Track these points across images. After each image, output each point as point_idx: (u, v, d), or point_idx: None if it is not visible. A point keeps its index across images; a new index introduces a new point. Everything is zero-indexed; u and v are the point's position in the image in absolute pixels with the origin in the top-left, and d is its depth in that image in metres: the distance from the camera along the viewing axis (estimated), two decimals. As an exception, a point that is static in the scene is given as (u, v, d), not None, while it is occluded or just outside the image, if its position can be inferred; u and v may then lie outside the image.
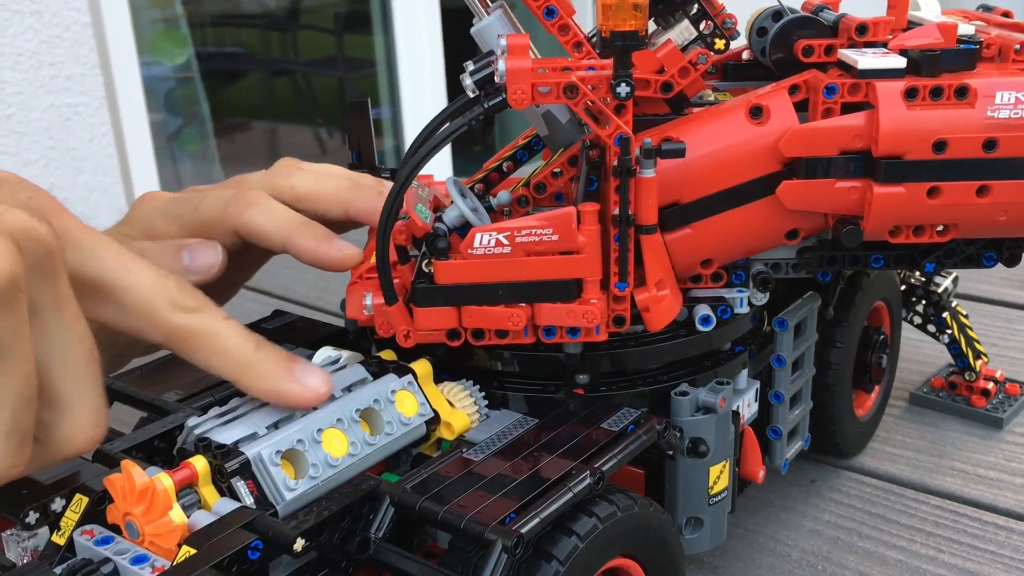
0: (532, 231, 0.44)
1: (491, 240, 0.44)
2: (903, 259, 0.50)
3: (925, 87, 0.45)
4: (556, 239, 0.44)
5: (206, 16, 2.49)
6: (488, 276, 0.45)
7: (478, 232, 0.44)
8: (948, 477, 0.63)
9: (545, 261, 0.45)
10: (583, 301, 0.45)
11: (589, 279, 0.45)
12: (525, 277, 0.45)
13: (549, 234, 0.44)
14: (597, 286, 0.45)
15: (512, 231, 0.44)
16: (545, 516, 0.37)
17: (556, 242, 0.44)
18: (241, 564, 0.35)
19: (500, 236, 0.44)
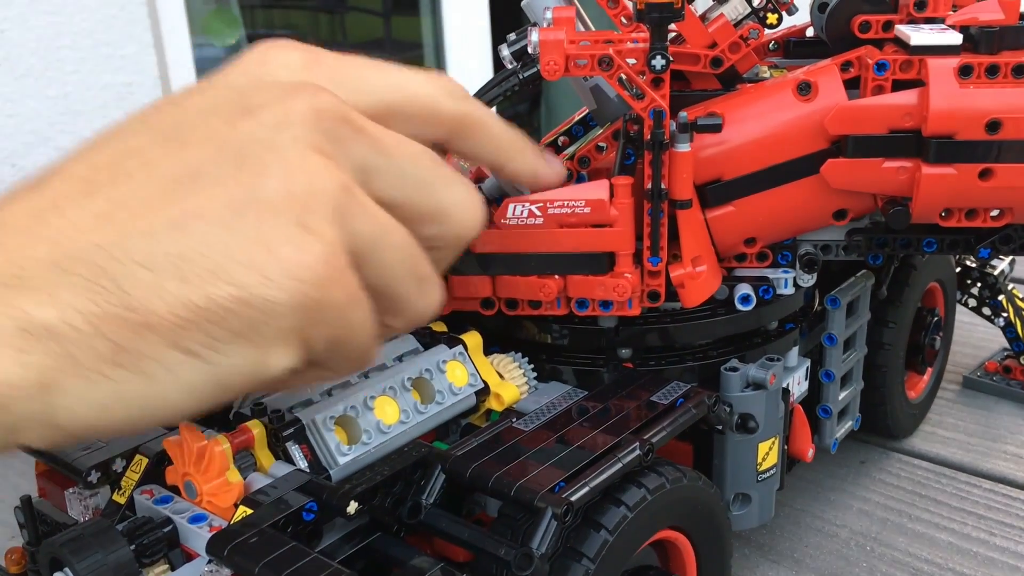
0: (565, 203, 0.44)
1: (524, 211, 0.45)
2: (957, 244, 0.49)
3: (981, 65, 0.44)
4: (588, 212, 0.44)
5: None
6: (521, 246, 0.45)
7: (511, 203, 0.45)
8: (1001, 461, 0.63)
9: (577, 233, 0.45)
10: (615, 275, 0.45)
11: (621, 252, 0.45)
12: (557, 249, 0.45)
13: (582, 206, 0.44)
14: (630, 260, 0.45)
15: (545, 203, 0.44)
16: (595, 486, 0.37)
17: (588, 215, 0.44)
18: (296, 525, 0.36)
19: (533, 207, 0.45)
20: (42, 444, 0.30)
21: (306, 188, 0.31)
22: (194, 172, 0.30)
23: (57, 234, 0.29)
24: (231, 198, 0.30)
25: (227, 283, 0.29)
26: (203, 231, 0.30)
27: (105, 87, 1.46)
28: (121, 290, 0.29)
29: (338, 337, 0.32)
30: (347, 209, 0.32)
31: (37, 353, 0.28)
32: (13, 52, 1.34)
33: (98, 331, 0.28)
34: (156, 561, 0.37)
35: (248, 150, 0.31)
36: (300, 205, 0.31)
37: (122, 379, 0.29)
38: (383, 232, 0.33)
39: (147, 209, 0.30)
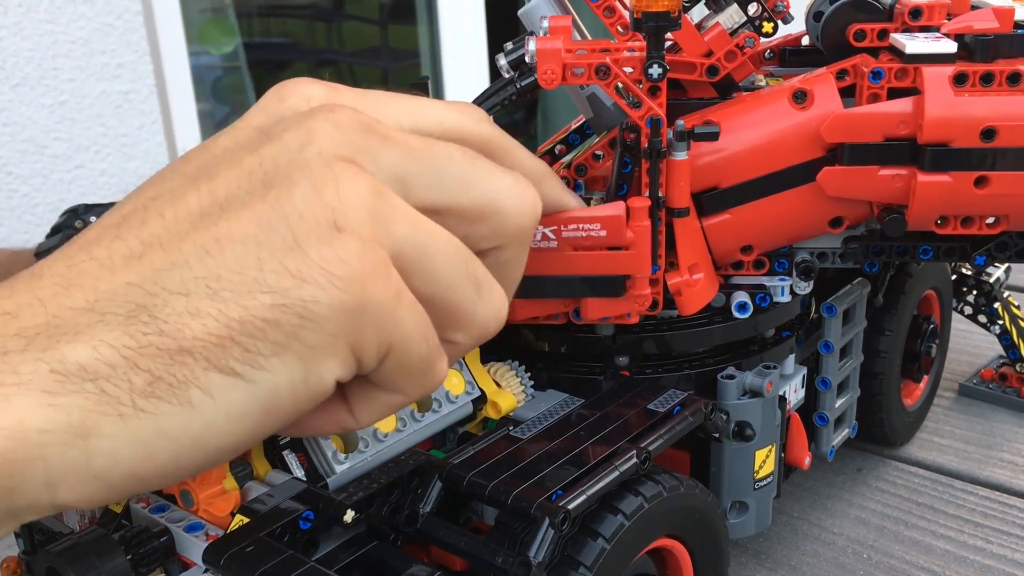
0: (579, 226, 0.43)
1: (538, 234, 0.43)
2: (953, 251, 0.50)
3: (975, 73, 0.44)
4: (604, 235, 0.43)
5: (253, 6, 2.52)
6: (535, 269, 0.43)
7: None
8: (997, 468, 0.63)
9: (593, 256, 0.44)
10: (631, 297, 0.45)
11: (638, 275, 0.44)
12: (572, 271, 0.44)
13: (597, 229, 0.43)
14: (646, 282, 0.45)
15: (559, 225, 0.43)
16: (592, 494, 0.37)
17: (604, 237, 0.43)
18: (293, 533, 0.36)
19: (547, 230, 0.43)
20: (84, 501, 0.28)
21: (336, 194, 0.30)
22: (222, 201, 0.30)
23: (92, 280, 0.28)
24: (261, 216, 0.29)
25: (263, 292, 0.28)
26: (235, 251, 0.29)
27: (101, 95, 1.46)
28: (156, 319, 0.28)
29: (391, 343, 0.30)
30: (383, 212, 0.30)
31: (69, 394, 0.27)
32: (9, 60, 1.35)
33: (133, 363, 0.27)
34: (152, 570, 0.37)
35: (274, 172, 0.30)
36: (332, 210, 0.29)
37: (162, 411, 0.27)
38: (426, 236, 0.31)
39: (177, 241, 0.29)
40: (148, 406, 0.27)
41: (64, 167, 1.45)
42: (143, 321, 0.28)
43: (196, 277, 0.28)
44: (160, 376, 0.27)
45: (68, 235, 0.63)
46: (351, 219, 0.29)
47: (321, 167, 0.30)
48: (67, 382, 0.27)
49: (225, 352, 0.28)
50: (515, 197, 0.34)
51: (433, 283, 0.31)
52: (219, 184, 0.30)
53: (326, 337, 0.29)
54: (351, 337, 0.29)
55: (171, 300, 0.28)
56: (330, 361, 0.29)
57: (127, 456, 0.27)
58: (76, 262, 0.29)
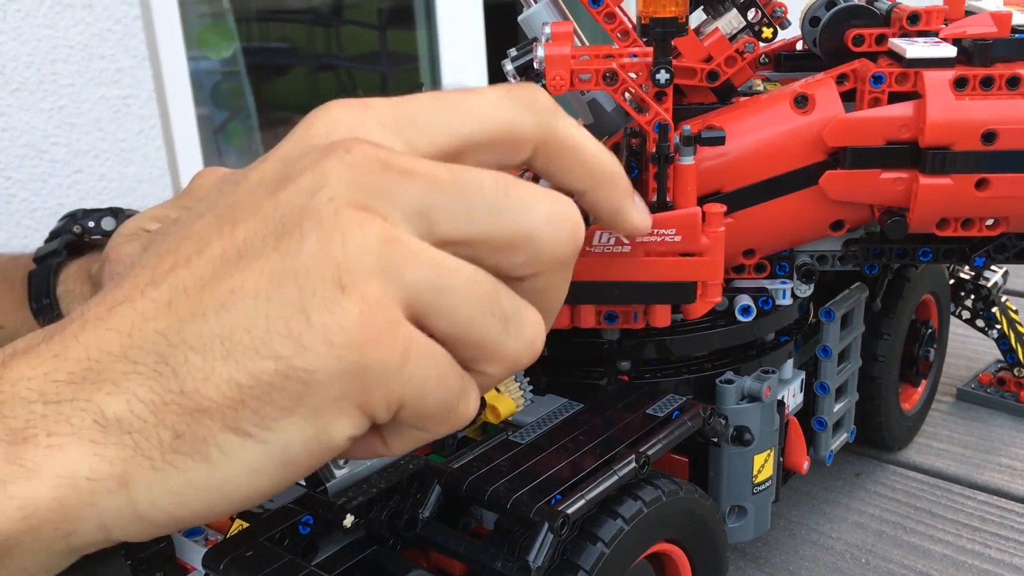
0: (655, 231, 0.43)
1: (611, 238, 0.43)
2: (952, 253, 0.50)
3: (975, 77, 0.45)
4: (679, 240, 0.43)
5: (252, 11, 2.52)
6: (606, 274, 0.44)
7: (597, 230, 0.43)
8: (995, 473, 0.63)
9: (665, 262, 0.43)
10: (701, 304, 0.44)
11: (711, 283, 0.44)
12: (643, 277, 0.44)
13: (672, 235, 0.43)
14: (719, 289, 0.44)
15: None
16: (591, 498, 0.37)
17: (678, 243, 0.43)
18: (292, 538, 0.36)
19: (620, 235, 0.43)
20: (136, 536, 0.30)
21: (343, 248, 0.29)
22: (242, 249, 0.30)
23: (128, 326, 0.30)
24: (272, 269, 0.30)
25: (267, 357, 0.29)
26: (246, 306, 0.29)
27: (100, 100, 1.47)
28: (176, 376, 0.29)
29: (401, 398, 0.30)
30: (393, 261, 0.30)
31: (111, 446, 0.28)
32: (8, 65, 1.35)
33: (160, 420, 0.29)
34: (152, 575, 0.37)
35: (288, 219, 0.30)
36: (336, 265, 0.29)
37: (187, 467, 0.29)
38: (443, 275, 0.31)
39: (200, 291, 0.30)
40: (175, 460, 0.29)
41: (63, 172, 1.45)
42: (167, 377, 0.29)
43: (212, 333, 0.29)
44: (182, 433, 0.29)
45: (66, 240, 0.63)
46: (356, 275, 0.29)
47: (330, 216, 0.30)
48: (108, 433, 0.28)
49: (237, 414, 0.29)
50: (552, 225, 0.32)
51: (455, 323, 0.31)
52: (240, 230, 0.31)
53: (330, 401, 0.29)
54: (357, 399, 0.29)
55: (190, 356, 0.29)
56: (339, 421, 0.29)
57: (164, 503, 0.29)
58: (116, 304, 0.30)
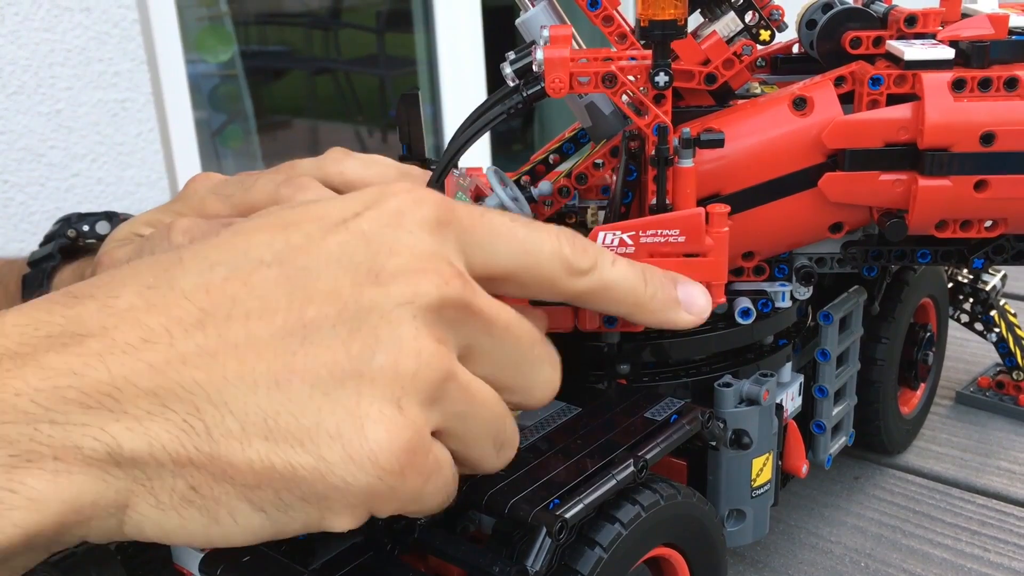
0: (658, 232, 0.43)
1: (615, 239, 0.43)
2: (951, 255, 0.50)
3: (973, 78, 0.45)
4: (683, 241, 0.43)
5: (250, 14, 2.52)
6: None
7: (601, 231, 0.43)
8: (995, 476, 0.63)
9: (668, 263, 0.43)
10: None
11: (715, 283, 0.44)
12: None
13: (676, 235, 0.43)
14: (722, 290, 0.44)
15: (637, 231, 0.43)
16: (589, 502, 0.37)
17: (682, 244, 0.43)
18: (289, 543, 0.35)
19: (624, 235, 0.43)
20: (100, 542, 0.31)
21: (413, 371, 0.31)
22: (309, 329, 0.31)
23: (164, 363, 0.29)
24: (336, 364, 0.30)
25: (309, 453, 0.30)
26: (301, 392, 0.30)
27: (98, 103, 1.47)
28: (210, 437, 0.29)
29: (405, 508, 0.33)
30: (446, 394, 0.32)
31: (121, 478, 0.29)
32: (5, 69, 1.35)
33: (180, 471, 0.29)
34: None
35: (367, 319, 0.31)
36: (401, 386, 0.31)
37: (190, 517, 0.30)
38: (474, 406, 0.34)
39: (255, 358, 0.30)
40: (181, 509, 0.30)
41: (61, 175, 1.45)
42: (199, 434, 0.29)
43: (259, 406, 0.29)
44: (198, 489, 0.29)
45: (61, 244, 0.63)
46: (414, 399, 0.31)
47: (410, 337, 0.31)
48: (120, 467, 0.29)
49: (259, 492, 0.30)
50: (548, 390, 0.38)
51: (465, 444, 0.34)
52: (312, 310, 0.31)
53: (349, 507, 0.31)
54: (372, 507, 0.32)
55: (228, 421, 0.29)
56: (344, 519, 0.31)
57: (151, 532, 0.30)
58: (152, 334, 0.30)
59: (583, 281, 0.39)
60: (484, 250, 0.36)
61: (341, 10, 2.94)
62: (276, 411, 0.30)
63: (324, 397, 0.30)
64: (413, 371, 0.31)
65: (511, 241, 0.37)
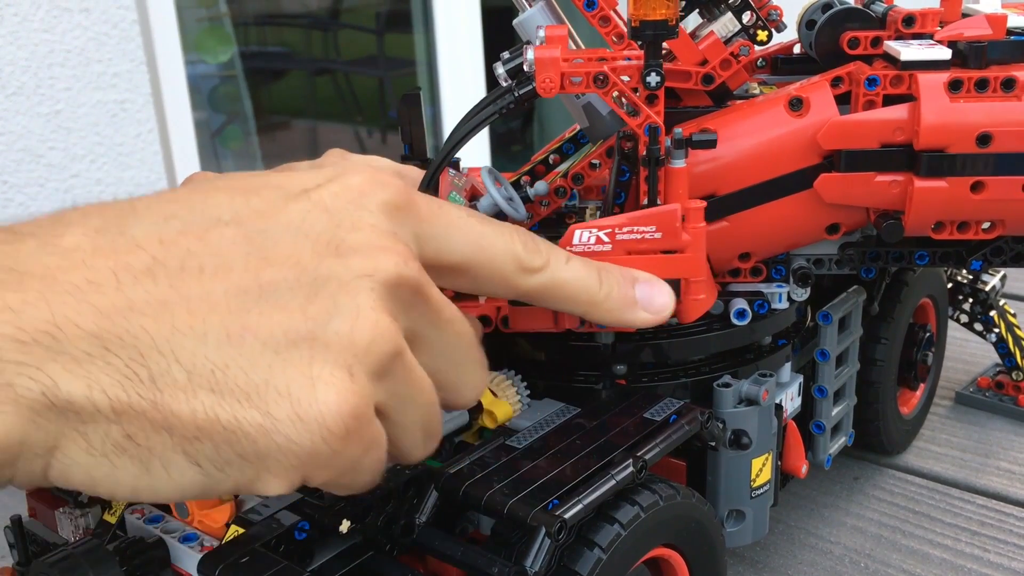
0: (634, 229, 0.43)
1: (591, 237, 0.43)
2: (949, 256, 0.50)
3: (970, 79, 0.44)
4: (659, 237, 0.43)
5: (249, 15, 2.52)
6: None
7: (577, 229, 0.43)
8: (994, 477, 0.63)
9: (646, 260, 0.43)
10: (686, 302, 0.44)
11: (693, 280, 0.44)
12: None
13: (652, 232, 0.43)
14: (701, 286, 0.44)
15: (613, 228, 0.43)
16: (588, 503, 0.37)
17: (659, 240, 0.43)
18: (288, 544, 0.35)
19: (600, 233, 0.43)
20: (21, 487, 0.30)
21: (367, 340, 0.31)
22: (265, 290, 0.31)
23: (109, 307, 0.29)
24: (291, 325, 0.30)
25: (257, 409, 0.29)
26: (252, 349, 0.30)
27: (97, 104, 1.47)
28: (154, 385, 0.29)
29: (338, 479, 0.33)
30: (392, 371, 0.33)
31: (54, 421, 0.28)
32: (5, 69, 1.35)
33: (117, 418, 0.28)
34: (146, 581, 0.37)
35: (325, 286, 0.32)
36: (354, 354, 0.31)
37: (121, 466, 0.29)
38: (415, 394, 0.34)
39: (207, 310, 0.30)
40: (113, 456, 0.29)
41: (60, 176, 1.45)
42: (142, 382, 0.28)
43: (207, 358, 0.29)
44: (134, 438, 0.29)
45: None
46: (363, 368, 0.31)
47: (367, 308, 0.32)
48: (54, 410, 0.28)
49: (197, 444, 0.29)
50: (476, 393, 0.39)
51: (396, 428, 0.34)
52: (270, 272, 0.31)
53: (287, 468, 0.31)
54: (307, 472, 0.31)
55: (174, 370, 0.29)
56: (281, 482, 0.31)
57: (77, 478, 0.29)
58: (100, 276, 0.29)
59: (535, 279, 0.39)
60: (439, 240, 0.37)
61: (340, 11, 2.94)
62: (225, 364, 0.29)
63: (276, 356, 0.30)
64: (368, 341, 0.31)
65: (466, 234, 0.37)
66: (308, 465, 0.31)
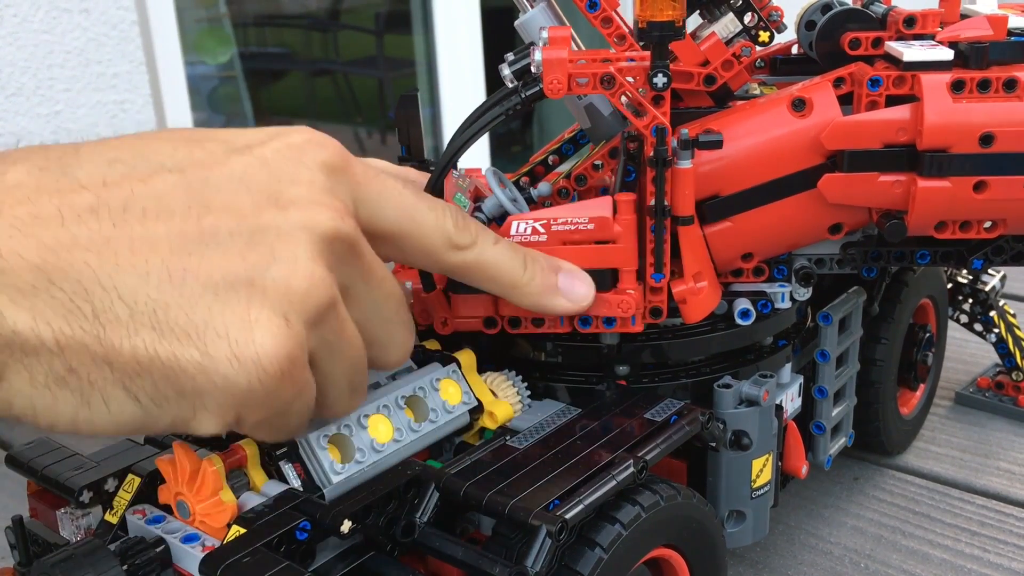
0: (568, 220, 0.44)
1: (527, 228, 0.45)
2: (950, 256, 0.50)
3: (972, 80, 0.44)
4: (592, 228, 0.44)
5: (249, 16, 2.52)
6: None
7: (514, 220, 0.45)
8: (994, 477, 0.63)
9: (581, 250, 0.45)
10: (619, 291, 0.45)
11: (625, 269, 0.45)
12: None
13: (585, 223, 0.44)
14: (633, 276, 0.45)
15: (548, 220, 0.45)
16: (589, 503, 0.37)
17: (592, 231, 0.44)
18: (289, 544, 0.35)
19: (536, 224, 0.45)
20: None
21: (303, 289, 0.33)
22: (206, 235, 0.32)
23: (53, 242, 0.29)
24: (231, 270, 0.32)
25: (196, 348, 0.31)
26: (193, 290, 0.31)
27: (96, 105, 1.46)
28: (97, 320, 0.29)
29: (270, 420, 0.34)
30: (326, 321, 0.34)
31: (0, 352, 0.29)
32: (4, 70, 1.35)
33: (61, 352, 0.29)
34: (148, 581, 0.37)
35: (264, 236, 0.33)
36: (291, 301, 0.32)
37: (62, 399, 0.30)
38: (343, 346, 0.36)
39: (148, 250, 0.31)
40: (55, 389, 0.30)
41: (59, 177, 1.44)
42: (85, 316, 0.29)
43: (150, 297, 0.30)
44: (76, 372, 0.30)
45: None
46: (299, 316, 0.33)
47: (304, 258, 0.33)
48: None
49: (138, 379, 0.30)
50: (403, 352, 0.40)
51: (324, 380, 0.36)
52: (210, 220, 0.32)
53: (221, 406, 0.32)
54: (240, 412, 0.32)
55: (116, 307, 0.30)
56: (215, 421, 0.32)
57: (19, 407, 0.30)
58: (44, 211, 0.30)
59: (461, 255, 0.41)
60: (372, 206, 0.38)
61: (340, 11, 2.94)
62: (167, 304, 0.30)
63: (215, 298, 0.31)
64: (304, 290, 0.33)
65: (399, 205, 0.39)
66: (243, 404, 0.32)
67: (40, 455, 0.42)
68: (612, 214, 0.44)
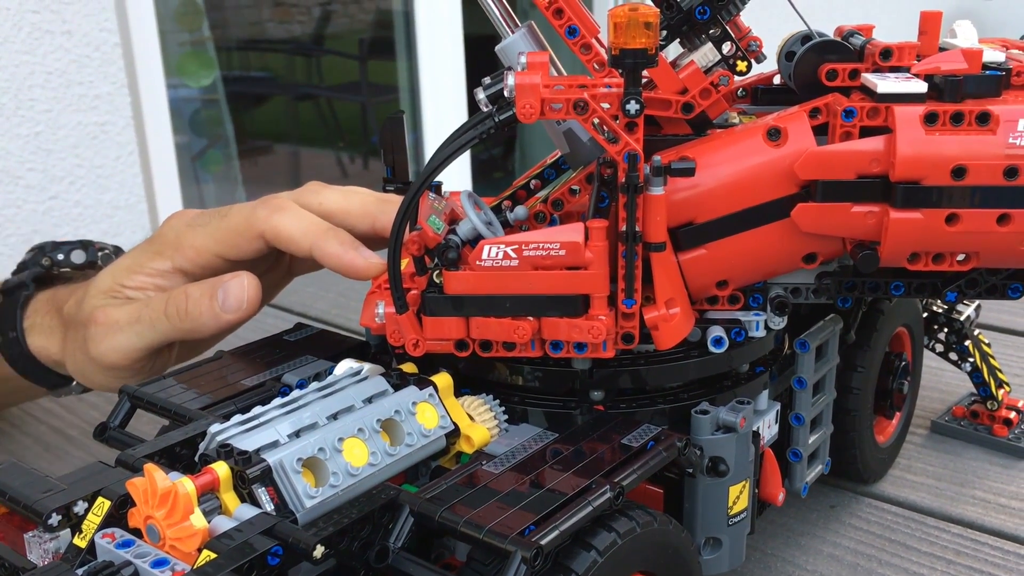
0: (540, 245, 0.45)
1: (499, 252, 0.45)
2: (924, 287, 0.50)
3: (945, 112, 0.45)
4: (563, 254, 0.45)
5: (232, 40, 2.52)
6: (496, 288, 0.45)
7: (486, 244, 0.45)
8: (969, 506, 0.63)
9: (552, 276, 0.45)
10: (589, 317, 0.45)
11: (596, 295, 0.45)
12: (532, 291, 0.45)
13: (556, 249, 0.45)
14: (604, 302, 0.45)
15: (520, 244, 0.45)
16: (564, 529, 0.37)
17: (563, 257, 0.45)
18: (261, 569, 0.35)
19: (508, 249, 0.45)
20: None
21: None
22: None
23: None
24: None
25: None
26: None
27: (77, 126, 1.46)
28: None
29: None
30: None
31: None
32: (-15, 90, 1.34)
33: None
34: (117, 607, 0.36)
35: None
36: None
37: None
38: None
39: None
40: None
41: (38, 198, 1.44)
42: None
43: None
44: None
45: (35, 272, 0.63)
46: None
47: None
48: None
49: None
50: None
51: None
52: None
53: None
54: None
55: None
56: None
57: None
58: None
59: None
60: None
61: (324, 37, 2.95)
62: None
63: None
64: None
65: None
66: None
67: (8, 478, 0.42)
68: (584, 240, 0.45)
